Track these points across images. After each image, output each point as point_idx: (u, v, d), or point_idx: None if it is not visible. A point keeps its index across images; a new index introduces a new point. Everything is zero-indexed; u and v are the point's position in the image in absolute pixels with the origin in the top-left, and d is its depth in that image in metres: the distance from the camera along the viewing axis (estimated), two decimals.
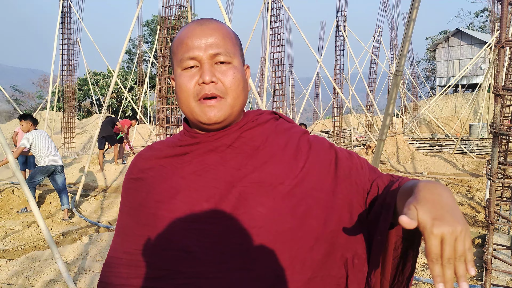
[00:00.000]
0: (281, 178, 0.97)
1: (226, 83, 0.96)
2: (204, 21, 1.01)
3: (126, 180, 1.11)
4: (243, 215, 0.94)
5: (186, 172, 1.00)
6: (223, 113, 0.97)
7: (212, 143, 1.01)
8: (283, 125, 1.10)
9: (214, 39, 0.97)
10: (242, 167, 0.99)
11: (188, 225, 0.95)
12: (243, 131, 1.03)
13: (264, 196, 0.95)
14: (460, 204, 7.37)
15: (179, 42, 1.00)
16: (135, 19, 8.83)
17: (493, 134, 2.69)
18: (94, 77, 29.29)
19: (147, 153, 1.10)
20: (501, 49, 2.49)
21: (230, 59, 0.98)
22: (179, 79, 0.99)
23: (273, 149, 1.02)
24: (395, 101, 3.52)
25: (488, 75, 16.79)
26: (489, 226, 2.76)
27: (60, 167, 6.87)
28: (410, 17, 3.28)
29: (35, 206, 3.44)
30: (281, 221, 0.94)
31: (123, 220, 1.08)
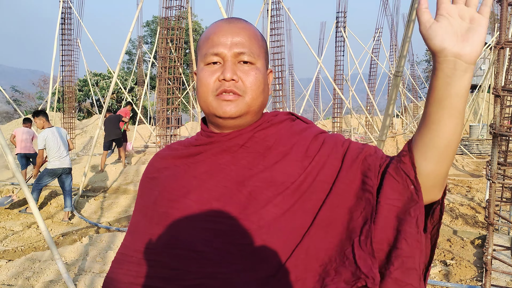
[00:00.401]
0: (292, 177, 0.96)
1: (246, 83, 0.97)
2: (233, 20, 1.02)
3: (144, 179, 1.12)
4: (253, 215, 0.93)
5: (199, 172, 1.01)
6: (239, 109, 0.97)
7: (226, 143, 1.02)
8: (299, 126, 1.08)
9: (240, 38, 0.98)
10: (254, 166, 0.99)
11: (198, 224, 0.95)
12: (256, 131, 1.03)
13: (274, 195, 0.95)
14: (460, 205, 7.38)
15: (205, 38, 1.00)
16: (135, 20, 8.84)
17: (492, 135, 2.69)
18: (94, 78, 29.32)
19: (165, 152, 1.12)
20: (501, 50, 2.50)
21: (253, 60, 0.98)
22: (201, 73, 0.99)
23: (286, 148, 1.01)
24: (395, 102, 3.52)
25: (488, 75, 16.79)
26: (489, 227, 2.76)
27: (67, 169, 6.88)
28: (410, 18, 3.29)
29: (35, 207, 3.44)
30: (291, 219, 0.93)
31: (135, 218, 1.09)
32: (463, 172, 11.85)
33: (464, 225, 6.31)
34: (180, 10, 12.00)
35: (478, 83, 23.67)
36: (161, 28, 12.54)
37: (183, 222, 0.96)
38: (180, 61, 12.35)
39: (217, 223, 0.94)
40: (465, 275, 4.42)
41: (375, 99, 23.31)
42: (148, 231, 1.02)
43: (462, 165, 12.56)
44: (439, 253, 5.16)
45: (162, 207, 1.01)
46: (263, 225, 0.92)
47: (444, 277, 4.40)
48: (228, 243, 0.93)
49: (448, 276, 4.43)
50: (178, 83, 12.41)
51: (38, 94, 38.41)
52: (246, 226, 0.93)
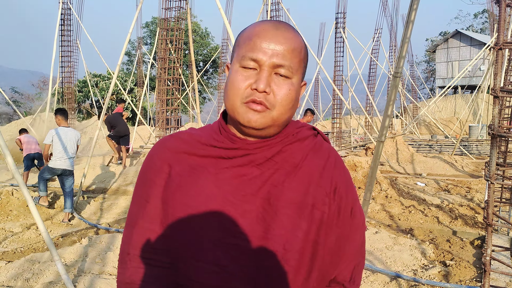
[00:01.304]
0: (317, 203, 0.97)
1: (277, 97, 0.93)
2: (280, 26, 0.96)
3: (147, 169, 1.04)
4: (280, 238, 0.93)
5: (221, 181, 0.96)
6: (264, 122, 0.94)
7: (252, 154, 0.98)
8: (321, 144, 1.07)
9: (282, 49, 0.93)
10: (279, 184, 0.96)
11: (222, 239, 0.92)
12: (284, 145, 1.00)
13: (299, 218, 0.94)
14: (459, 206, 7.38)
15: (247, 37, 0.96)
16: (135, 21, 8.84)
17: (491, 135, 2.69)
18: (94, 79, 29.31)
19: (174, 143, 1.03)
20: (499, 51, 2.50)
21: (290, 75, 0.95)
22: (235, 75, 0.95)
23: (312, 169, 0.99)
24: (394, 103, 3.52)
25: (488, 76, 16.80)
26: (488, 228, 2.76)
27: (68, 171, 6.89)
28: (408, 18, 3.29)
29: (34, 208, 3.44)
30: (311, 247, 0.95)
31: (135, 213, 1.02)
32: (462, 173, 11.86)
33: (463, 226, 6.32)
34: (179, 11, 12.01)
35: (478, 83, 23.70)
36: (161, 29, 12.55)
37: (205, 234, 0.93)
38: (179, 62, 12.36)
39: (243, 240, 0.92)
40: (464, 275, 4.42)
41: (375, 99, 23.31)
42: (158, 230, 0.98)
43: (461, 165, 12.57)
44: (439, 253, 5.16)
45: (177, 211, 0.96)
46: (289, 249, 0.93)
47: (443, 278, 4.40)
48: (253, 262, 0.92)
49: (447, 276, 4.43)
50: (177, 84, 12.41)
51: (37, 95, 38.42)
52: (273, 248, 0.92)
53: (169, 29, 12.28)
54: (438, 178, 11.08)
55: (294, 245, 0.93)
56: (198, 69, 35.33)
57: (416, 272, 4.56)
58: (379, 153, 3.00)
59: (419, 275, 4.46)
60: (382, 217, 7.00)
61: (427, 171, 12.24)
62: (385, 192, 8.23)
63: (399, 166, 13.02)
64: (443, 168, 12.37)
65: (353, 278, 1.06)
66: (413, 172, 12.21)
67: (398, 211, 7.20)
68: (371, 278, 4.35)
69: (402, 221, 6.71)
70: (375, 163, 3.11)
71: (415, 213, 7.02)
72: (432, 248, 5.32)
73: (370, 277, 4.38)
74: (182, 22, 12.55)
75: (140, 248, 0.99)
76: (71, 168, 6.93)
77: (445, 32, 42.53)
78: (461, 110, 27.67)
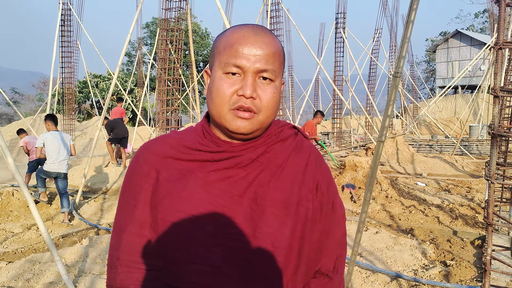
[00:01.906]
0: (301, 201, 1.00)
1: (263, 101, 0.96)
2: (259, 31, 0.98)
3: (132, 174, 1.04)
4: (268, 236, 0.96)
5: (209, 184, 0.98)
6: (252, 127, 0.96)
7: (237, 155, 1.00)
8: (302, 143, 1.10)
9: (264, 54, 0.95)
10: (265, 184, 0.99)
11: (214, 240, 0.94)
12: (268, 146, 1.03)
13: (286, 217, 0.98)
14: (460, 206, 7.38)
15: (228, 44, 0.97)
16: (135, 21, 8.85)
17: (491, 135, 2.69)
18: (94, 80, 29.32)
19: (158, 147, 1.03)
20: (499, 51, 2.50)
21: (274, 78, 0.97)
22: (219, 82, 0.96)
23: (295, 169, 1.03)
24: (394, 103, 3.52)
25: (488, 76, 16.80)
26: (488, 228, 2.76)
27: (62, 174, 6.95)
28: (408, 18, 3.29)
29: (35, 209, 3.44)
30: (298, 243, 0.99)
31: (123, 218, 1.02)
32: (463, 173, 11.85)
33: (464, 226, 6.31)
34: (179, 11, 12.02)
35: (478, 83, 23.69)
36: (161, 30, 12.55)
37: (198, 236, 0.94)
38: (179, 63, 12.36)
39: (233, 240, 0.94)
40: (465, 275, 4.42)
41: (375, 100, 23.31)
42: (148, 234, 0.98)
43: (462, 165, 12.56)
44: (439, 253, 5.16)
45: (168, 216, 0.96)
46: (277, 246, 0.96)
47: (444, 278, 4.40)
48: (244, 260, 0.94)
49: (448, 276, 4.43)
50: (177, 84, 12.42)
51: (38, 96, 38.44)
52: (262, 246, 0.95)
53: (169, 30, 12.29)
54: (439, 178, 11.08)
55: (282, 242, 0.96)
56: (198, 70, 35.33)
57: (416, 272, 4.55)
58: (379, 153, 2.99)
59: (420, 275, 4.46)
60: (382, 217, 7.00)
61: (427, 171, 12.23)
62: (385, 192, 8.23)
63: (399, 166, 13.02)
64: (443, 168, 12.36)
65: (336, 268, 1.11)
66: (414, 172, 12.21)
67: (399, 211, 7.20)
68: (371, 278, 4.35)
69: (402, 221, 6.71)
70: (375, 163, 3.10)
71: (415, 213, 7.02)
72: (433, 248, 5.32)
73: (370, 277, 4.38)
74: (182, 22, 12.55)
75: (130, 253, 0.99)
76: (65, 171, 6.99)
77: (445, 32, 42.53)
78: (461, 110, 27.66)
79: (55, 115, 7.30)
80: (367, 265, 4.61)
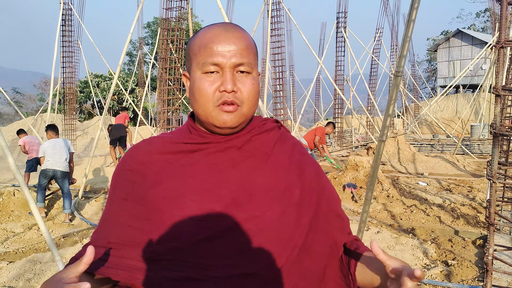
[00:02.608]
0: (289, 186, 1.03)
1: (244, 93, 1.00)
2: (229, 27, 1.02)
3: (121, 171, 1.07)
4: (254, 219, 0.97)
5: (195, 171, 1.01)
6: (237, 120, 1.00)
7: (223, 144, 1.03)
8: (286, 135, 1.15)
9: (238, 49, 0.99)
10: (252, 171, 1.02)
11: (198, 224, 0.95)
12: (252, 135, 1.07)
13: (273, 201, 1.00)
14: (461, 205, 7.36)
15: (202, 45, 1.00)
16: (136, 21, 8.85)
17: (493, 134, 2.68)
18: (95, 79, 29.34)
19: (146, 146, 1.08)
20: (501, 50, 2.49)
21: (250, 70, 1.01)
22: (199, 82, 1.00)
23: (281, 156, 1.07)
24: (395, 102, 3.51)
25: (489, 75, 16.77)
26: (490, 227, 2.75)
27: (60, 173, 6.94)
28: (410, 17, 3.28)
29: (35, 209, 3.44)
30: (288, 227, 0.99)
31: (113, 211, 1.04)
32: (464, 172, 11.83)
33: (465, 225, 6.30)
34: (180, 11, 12.02)
35: (480, 82, 23.65)
36: (162, 29, 12.56)
37: (182, 222, 0.95)
38: (180, 62, 12.36)
39: (218, 225, 0.95)
40: (466, 275, 4.40)
41: (376, 99, 23.28)
42: (133, 225, 0.99)
43: (463, 165, 12.54)
44: (441, 253, 5.15)
45: (154, 203, 0.98)
46: (264, 229, 0.97)
47: (445, 278, 4.39)
48: (229, 245, 0.95)
49: (449, 276, 4.41)
50: (178, 84, 12.42)
51: (39, 95, 38.50)
52: (248, 230, 0.96)
53: (170, 29, 12.29)
54: (440, 177, 11.06)
55: (268, 225, 0.97)
56: None
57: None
58: (380, 153, 2.99)
59: None
60: (383, 216, 6.99)
61: (428, 170, 12.21)
62: (386, 192, 8.22)
63: (400, 166, 13.00)
64: (444, 167, 12.34)
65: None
66: (415, 172, 12.19)
67: (400, 211, 7.18)
68: None
69: (403, 221, 6.70)
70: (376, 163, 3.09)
71: (416, 212, 7.01)
72: (434, 248, 5.31)
73: None
74: (183, 22, 12.55)
75: (119, 243, 1.00)
76: (64, 169, 6.99)
77: (447, 31, 42.46)
78: (462, 110, 27.62)
79: (55, 125, 7.42)
80: None
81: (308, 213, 1.04)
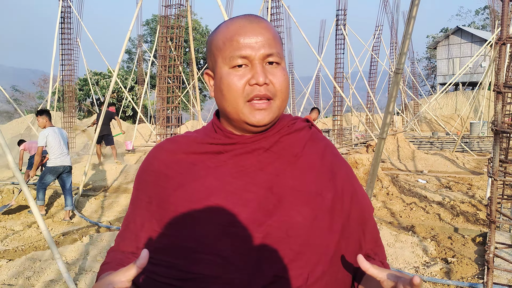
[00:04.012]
0: (320, 189, 0.97)
1: (276, 85, 0.94)
2: (253, 18, 0.97)
3: (144, 171, 1.04)
4: (282, 224, 0.92)
5: (221, 173, 0.96)
6: (271, 116, 0.95)
7: (250, 145, 0.98)
8: (317, 135, 1.09)
9: (266, 39, 0.94)
10: (281, 173, 0.97)
11: (223, 228, 0.92)
12: (281, 136, 1.01)
13: (303, 205, 0.94)
14: (461, 202, 7.36)
15: (227, 38, 0.95)
16: (135, 19, 8.82)
17: (494, 132, 2.67)
18: (95, 77, 29.31)
19: (170, 145, 1.04)
20: (502, 46, 2.48)
21: (280, 60, 0.96)
22: (227, 77, 0.94)
23: (312, 158, 1.01)
24: (395, 100, 3.50)
25: (489, 73, 16.76)
26: (491, 225, 2.74)
27: (68, 168, 6.90)
28: (410, 14, 3.27)
29: (35, 207, 3.43)
30: (319, 233, 0.95)
31: (138, 214, 1.02)
32: (464, 170, 11.83)
33: (465, 223, 6.30)
34: (179, 8, 11.98)
35: (479, 80, 23.64)
36: (161, 27, 12.52)
37: (206, 225, 0.92)
38: (180, 60, 12.33)
39: (244, 229, 0.91)
40: (466, 272, 4.40)
41: (376, 97, 23.26)
42: (158, 229, 0.98)
43: (463, 162, 12.54)
44: (440, 250, 5.15)
45: (178, 207, 0.95)
46: (291, 234, 0.92)
47: (445, 275, 4.39)
48: (255, 250, 0.91)
49: (449, 273, 4.42)
50: (178, 81, 12.39)
51: (38, 93, 38.45)
52: (275, 234, 0.92)
53: (169, 27, 12.25)
54: (439, 175, 11.06)
55: (297, 231, 0.93)
56: (198, 67, 35.30)
57: (417, 269, 4.54)
58: (380, 150, 2.98)
59: (421, 272, 4.45)
60: (383, 214, 6.99)
61: (428, 168, 12.21)
62: (386, 189, 8.22)
63: (400, 163, 13.00)
64: (444, 165, 12.35)
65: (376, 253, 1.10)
66: (414, 169, 12.19)
67: (400, 208, 7.18)
68: None
69: (403, 218, 6.70)
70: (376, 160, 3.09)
71: (416, 210, 7.01)
72: (434, 245, 5.31)
73: None
74: (182, 19, 12.51)
75: (139, 248, 0.99)
76: (70, 164, 6.96)
77: (446, 29, 42.43)
78: (462, 107, 27.61)
79: (49, 111, 7.12)
80: None
81: (340, 218, 0.98)
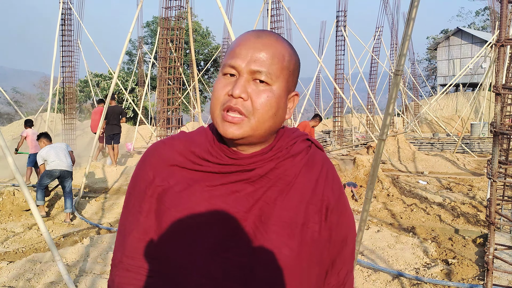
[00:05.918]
0: (308, 221, 0.97)
1: (255, 104, 0.91)
2: (262, 34, 0.96)
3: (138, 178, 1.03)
4: (269, 255, 0.94)
5: (215, 197, 0.96)
6: (241, 132, 0.92)
7: (246, 170, 0.97)
8: (315, 157, 1.05)
9: (261, 56, 0.92)
10: (271, 202, 0.96)
11: (214, 252, 0.93)
12: (278, 161, 0.99)
13: (291, 238, 0.95)
14: (461, 204, 7.36)
15: (231, 47, 0.97)
16: (135, 20, 8.83)
17: (493, 133, 2.68)
18: (95, 79, 29.33)
19: (167, 152, 1.02)
20: (501, 48, 2.48)
21: (270, 81, 0.93)
22: (216, 83, 0.96)
23: (304, 187, 0.99)
24: (395, 101, 3.50)
25: (489, 74, 16.76)
26: (490, 226, 2.74)
27: (66, 172, 6.95)
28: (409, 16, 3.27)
29: (35, 209, 3.43)
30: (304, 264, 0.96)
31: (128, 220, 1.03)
32: (464, 171, 11.83)
33: (465, 224, 6.30)
34: (180, 10, 12.00)
35: (479, 81, 23.63)
36: (161, 29, 12.54)
37: (199, 247, 0.94)
38: (180, 62, 12.35)
39: (234, 255, 0.93)
40: (467, 274, 4.40)
41: (376, 98, 23.27)
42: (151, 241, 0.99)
43: (463, 163, 12.54)
44: (441, 252, 5.14)
45: (172, 225, 0.96)
46: (277, 266, 0.94)
47: (445, 276, 4.39)
48: (244, 275, 0.93)
49: (450, 275, 4.41)
50: (178, 83, 12.41)
51: (39, 95, 38.51)
52: (262, 264, 0.93)
53: (170, 29, 12.27)
54: (440, 176, 11.06)
55: (281, 262, 0.93)
56: (199, 69, 35.32)
57: (418, 270, 4.54)
58: (380, 152, 2.98)
59: (421, 273, 4.44)
60: (384, 215, 6.99)
61: (428, 169, 12.21)
62: (386, 191, 8.21)
63: (400, 165, 12.99)
64: (444, 166, 12.34)
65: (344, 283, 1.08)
66: (415, 170, 12.18)
67: (400, 210, 7.18)
68: (373, 277, 4.34)
69: (404, 220, 6.70)
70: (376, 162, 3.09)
71: (417, 211, 7.01)
72: (434, 247, 5.30)
73: (372, 276, 4.37)
74: (182, 21, 12.54)
75: (134, 258, 1.01)
76: (70, 169, 7.00)
77: (446, 30, 42.42)
78: (462, 108, 27.59)
79: (48, 133, 7.43)
80: (368, 263, 4.60)
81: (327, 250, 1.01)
